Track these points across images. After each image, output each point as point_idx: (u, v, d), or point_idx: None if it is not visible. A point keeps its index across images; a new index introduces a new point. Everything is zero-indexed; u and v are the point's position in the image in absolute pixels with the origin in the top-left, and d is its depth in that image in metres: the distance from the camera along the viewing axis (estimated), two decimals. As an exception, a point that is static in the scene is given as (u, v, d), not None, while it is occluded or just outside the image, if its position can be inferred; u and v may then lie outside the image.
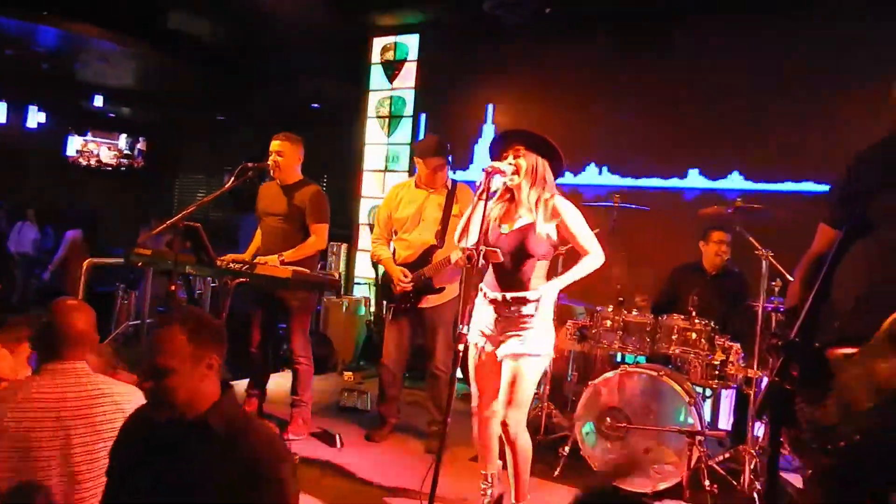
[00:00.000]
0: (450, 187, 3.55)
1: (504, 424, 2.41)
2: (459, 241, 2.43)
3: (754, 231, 3.35)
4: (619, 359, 3.92)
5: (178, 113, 9.07)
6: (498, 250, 2.38)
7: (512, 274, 2.41)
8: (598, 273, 4.11)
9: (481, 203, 2.21)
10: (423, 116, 5.86)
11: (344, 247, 6.18)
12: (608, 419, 3.20)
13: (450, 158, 3.60)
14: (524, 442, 2.44)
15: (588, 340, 3.60)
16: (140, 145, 10.55)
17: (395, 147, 6.00)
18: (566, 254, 3.75)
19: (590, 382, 3.32)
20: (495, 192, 2.45)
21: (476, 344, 2.47)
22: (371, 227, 6.04)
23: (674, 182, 4.85)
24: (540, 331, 2.40)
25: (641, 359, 3.70)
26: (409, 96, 5.92)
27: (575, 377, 3.83)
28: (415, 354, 3.88)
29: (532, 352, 2.38)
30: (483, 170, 2.27)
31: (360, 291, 6.07)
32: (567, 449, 3.31)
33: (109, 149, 10.31)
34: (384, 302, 3.75)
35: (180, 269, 3.32)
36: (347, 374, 5.24)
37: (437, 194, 3.54)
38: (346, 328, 5.63)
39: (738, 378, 3.26)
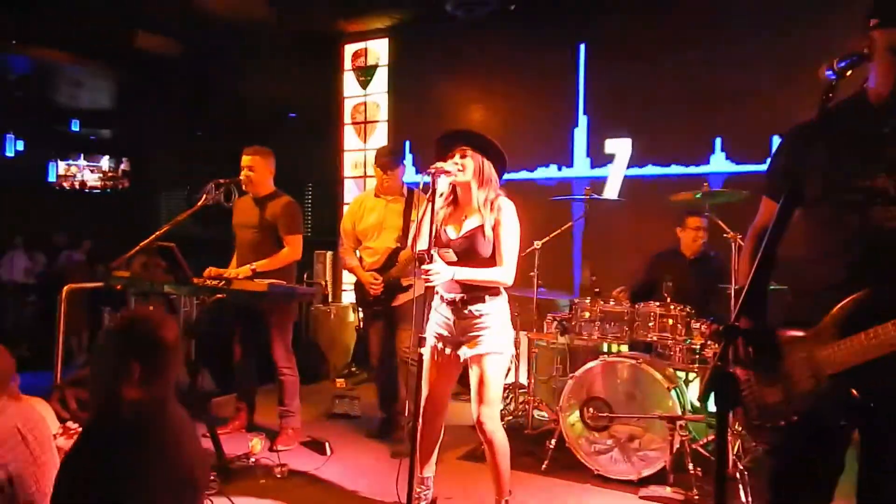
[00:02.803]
0: (406, 194, 3.68)
1: (479, 423, 2.43)
2: (413, 245, 2.45)
3: (732, 214, 3.38)
4: (604, 348, 3.94)
5: (158, 130, 9.05)
6: (450, 251, 2.40)
7: None
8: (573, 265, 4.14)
9: (430, 205, 2.22)
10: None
11: (329, 254, 6.20)
12: (591, 409, 3.22)
13: (404, 163, 3.77)
14: (501, 438, 2.46)
15: (569, 333, 3.63)
16: (124, 165, 10.53)
17: (373, 152, 5.99)
18: (541, 249, 3.83)
19: (572, 374, 3.34)
20: (442, 193, 2.46)
21: (433, 345, 2.49)
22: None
23: (650, 170, 4.86)
24: (498, 329, 2.43)
25: (624, 347, 3.72)
26: (383, 101, 5.94)
27: (560, 368, 3.84)
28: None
29: (493, 350, 2.41)
30: (427, 171, 2.29)
31: (347, 298, 6.08)
32: (553, 441, 3.33)
33: (93, 171, 10.29)
34: (362, 308, 3.81)
35: (158, 289, 3.35)
36: (339, 381, 5.26)
37: (395, 203, 3.68)
38: (336, 335, 5.65)
39: (718, 360, 3.28)
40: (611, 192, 4.80)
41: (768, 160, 1.74)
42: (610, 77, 4.93)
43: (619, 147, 4.89)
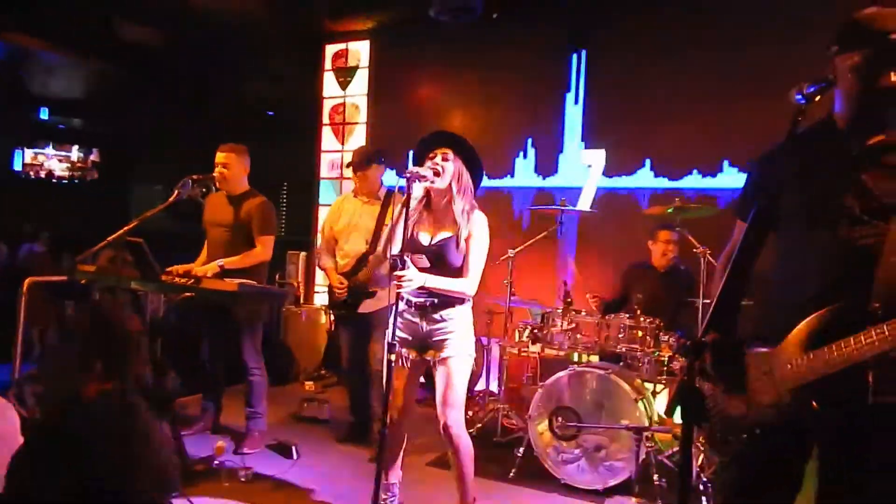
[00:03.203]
0: (384, 196, 3.64)
1: (445, 427, 2.44)
2: (385, 248, 2.45)
3: (703, 229, 3.45)
4: (575, 357, 3.97)
5: (132, 123, 8.88)
6: (423, 257, 2.40)
7: None
8: (549, 274, 4.18)
9: (404, 210, 2.21)
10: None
11: (303, 255, 6.14)
12: (560, 419, 3.24)
13: (381, 164, 3.70)
14: (466, 442, 2.48)
15: (540, 342, 3.65)
16: (93, 157, 10.30)
17: (351, 154, 5.97)
18: (514, 257, 3.86)
19: (541, 383, 3.36)
20: (416, 198, 2.44)
21: (397, 350, 2.48)
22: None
23: (625, 181, 4.92)
24: (463, 333, 2.47)
25: (595, 358, 3.76)
26: (363, 102, 5.92)
27: (530, 377, 3.87)
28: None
29: (459, 353, 2.44)
30: (402, 175, 2.28)
31: (319, 300, 6.03)
32: (521, 450, 3.34)
33: (61, 161, 10.03)
34: (330, 310, 3.78)
35: (125, 284, 3.27)
36: (308, 384, 5.21)
37: (370, 205, 3.63)
38: (306, 337, 5.60)
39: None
40: (585, 203, 4.84)
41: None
42: (598, 86, 4.95)
43: (595, 158, 4.93)
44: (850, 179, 1.46)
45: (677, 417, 3.55)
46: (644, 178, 4.81)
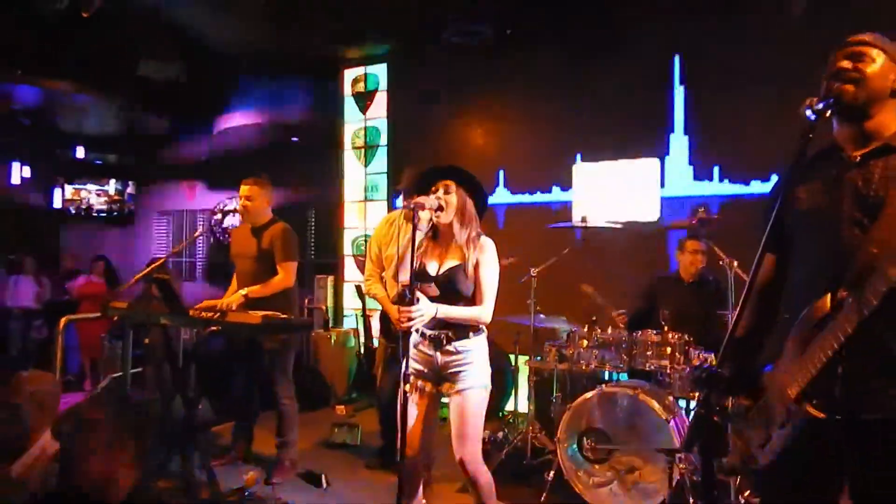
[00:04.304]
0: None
1: (461, 462, 2.37)
2: (395, 275, 2.43)
3: (730, 239, 3.36)
4: (605, 375, 3.89)
5: (163, 155, 9.15)
6: (432, 285, 2.38)
7: None
8: (573, 291, 4.12)
9: (411, 241, 2.19)
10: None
11: (330, 279, 6.19)
12: (589, 441, 3.17)
13: None
14: (484, 477, 2.41)
15: (567, 361, 3.59)
16: (130, 189, 10.62)
17: (373, 177, 6.04)
18: (537, 276, 3.81)
19: (569, 404, 3.30)
20: (421, 229, 2.42)
21: (412, 383, 2.45)
22: (355, 258, 6.08)
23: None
24: (480, 364, 2.41)
25: (624, 375, 3.68)
26: (383, 125, 5.98)
27: (559, 397, 3.80)
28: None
29: (475, 385, 2.38)
30: (407, 205, 2.27)
31: (348, 323, 6.06)
32: (552, 473, 3.28)
33: (99, 195, 10.38)
34: (385, 340, 3.65)
35: (154, 320, 3.34)
36: (340, 408, 5.23)
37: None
38: (337, 361, 5.63)
39: (718, 388, 3.23)
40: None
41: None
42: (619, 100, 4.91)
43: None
44: (847, 185, 1.47)
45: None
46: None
